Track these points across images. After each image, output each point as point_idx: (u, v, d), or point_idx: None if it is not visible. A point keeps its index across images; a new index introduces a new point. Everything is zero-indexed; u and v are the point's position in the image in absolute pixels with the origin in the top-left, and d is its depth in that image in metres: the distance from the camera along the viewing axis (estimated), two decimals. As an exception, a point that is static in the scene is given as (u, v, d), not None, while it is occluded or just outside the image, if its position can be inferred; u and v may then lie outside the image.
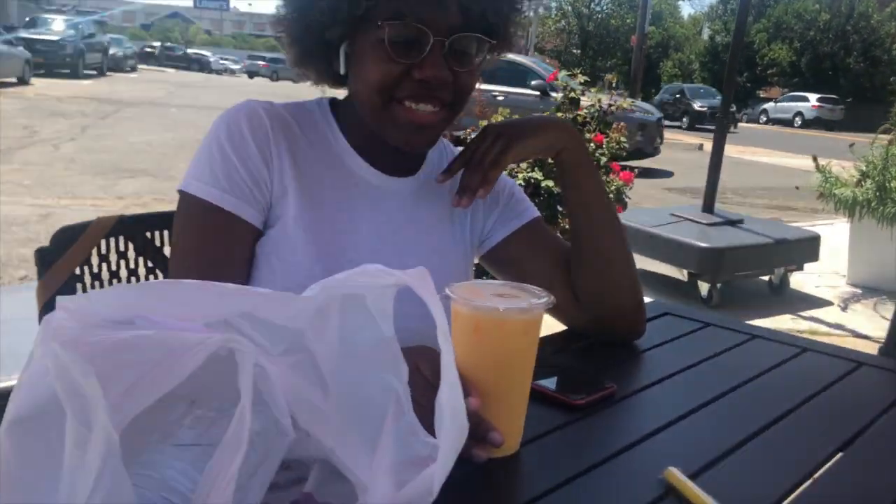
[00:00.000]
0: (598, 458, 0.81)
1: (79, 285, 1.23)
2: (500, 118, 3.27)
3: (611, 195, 3.03)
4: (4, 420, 0.51)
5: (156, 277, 1.33)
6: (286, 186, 1.02)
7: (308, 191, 1.03)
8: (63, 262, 1.24)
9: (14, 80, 16.76)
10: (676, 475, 0.75)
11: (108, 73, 23.08)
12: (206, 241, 0.99)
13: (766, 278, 4.81)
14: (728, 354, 1.18)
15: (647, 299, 1.21)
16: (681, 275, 4.54)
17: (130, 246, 1.30)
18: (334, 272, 0.94)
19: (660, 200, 8.45)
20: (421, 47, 0.95)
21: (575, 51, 38.73)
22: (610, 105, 3.05)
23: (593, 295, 1.14)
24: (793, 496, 0.76)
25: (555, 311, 1.18)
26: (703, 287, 4.47)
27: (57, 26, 21.25)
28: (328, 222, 1.03)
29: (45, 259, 1.18)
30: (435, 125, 1.01)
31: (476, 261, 1.24)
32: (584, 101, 3.03)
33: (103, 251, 1.30)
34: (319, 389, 0.65)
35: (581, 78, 3.04)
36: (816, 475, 0.82)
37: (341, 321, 0.63)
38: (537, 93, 10.21)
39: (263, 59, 42.13)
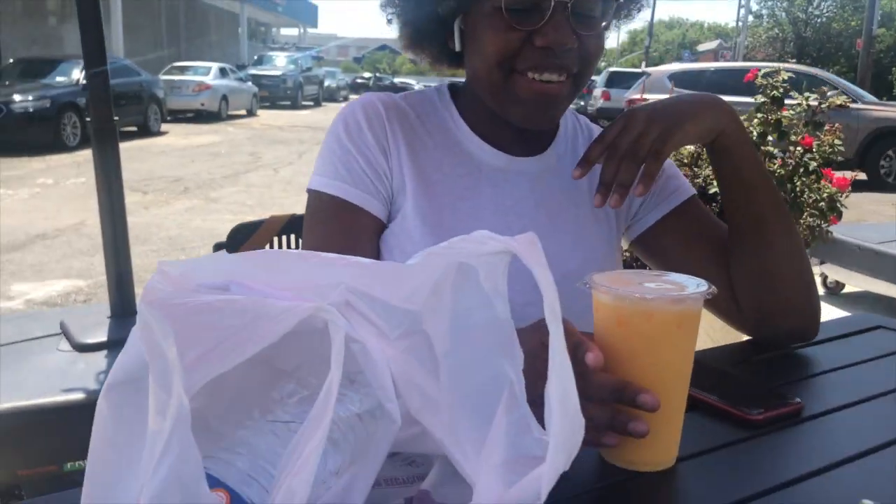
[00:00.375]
0: (775, 482, 0.68)
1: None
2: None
3: (822, 203, 2.71)
4: (105, 384, 0.51)
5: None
6: (405, 177, 0.98)
7: (426, 180, 0.98)
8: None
9: (244, 112, 18.66)
10: (872, 510, 0.61)
11: (324, 104, 24.97)
12: (332, 233, 0.97)
13: None
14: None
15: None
16: (913, 297, 3.99)
17: (300, 242, 1.34)
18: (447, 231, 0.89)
19: (890, 217, 7.53)
20: (542, 11, 0.88)
21: (791, 60, 35.98)
22: (820, 104, 2.73)
23: (754, 286, 0.99)
24: None
25: (713, 305, 1.04)
26: (942, 312, 3.89)
27: (280, 62, 23.42)
28: (448, 210, 0.98)
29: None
30: (560, 97, 0.94)
31: (625, 247, 1.12)
32: (792, 102, 2.74)
33: (275, 246, 1.34)
34: (432, 376, 0.59)
35: (784, 75, 2.75)
36: None
37: (454, 300, 0.57)
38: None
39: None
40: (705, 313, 1.05)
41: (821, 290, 4.59)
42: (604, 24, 0.94)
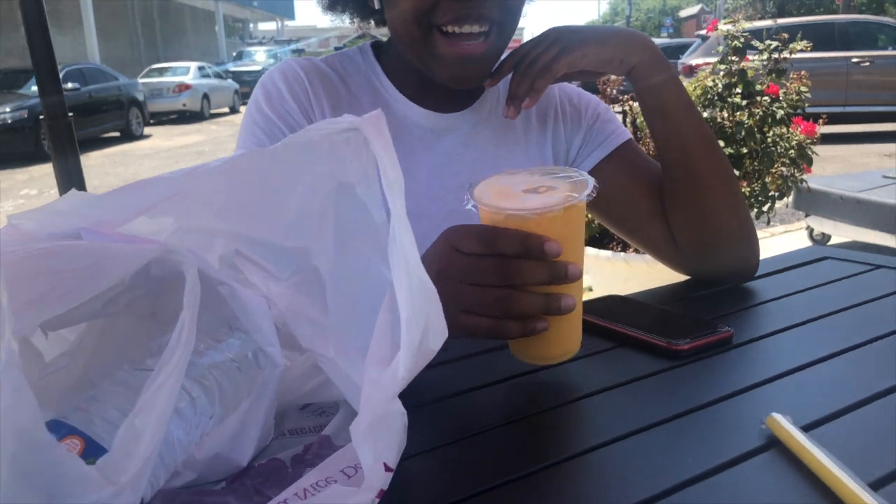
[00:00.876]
0: (693, 404, 0.67)
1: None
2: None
3: (792, 151, 2.69)
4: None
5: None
6: None
7: None
8: None
9: (227, 109, 18.53)
10: (780, 423, 0.59)
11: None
12: None
13: None
14: (890, 299, 0.95)
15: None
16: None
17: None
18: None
19: (877, 168, 7.50)
20: None
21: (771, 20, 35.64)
22: (782, 51, 2.70)
23: (689, 223, 0.98)
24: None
25: (653, 249, 1.03)
26: (925, 255, 3.88)
27: (259, 58, 23.24)
28: None
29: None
30: (484, 54, 0.90)
31: None
32: (759, 46, 2.70)
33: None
34: (321, 305, 0.58)
35: (744, 24, 2.72)
36: None
37: (336, 223, 0.56)
38: None
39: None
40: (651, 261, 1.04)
41: (808, 243, 4.58)
42: None
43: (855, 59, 8.96)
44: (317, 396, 0.66)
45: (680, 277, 1.07)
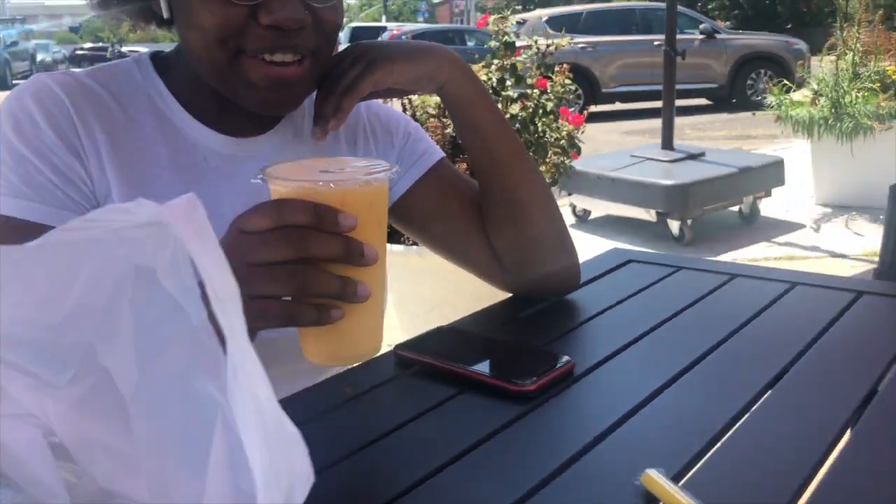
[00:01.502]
0: (557, 462, 0.62)
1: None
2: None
3: (563, 141, 2.83)
4: None
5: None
6: (109, 180, 0.79)
7: (140, 178, 0.80)
8: None
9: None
10: (655, 479, 0.56)
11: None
12: None
13: (735, 209, 4.67)
14: (705, 302, 0.99)
15: (613, 244, 1.01)
16: (649, 216, 4.40)
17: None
18: None
19: (619, 145, 8.27)
20: None
21: (517, 7, 38.03)
22: (548, 46, 2.83)
23: (507, 238, 0.95)
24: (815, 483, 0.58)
25: (476, 267, 1.00)
26: (674, 225, 4.33)
27: (-23, 39, 20.40)
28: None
29: None
30: (299, 80, 0.79)
31: None
32: (521, 43, 2.81)
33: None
34: (122, 427, 0.44)
35: (513, 19, 2.81)
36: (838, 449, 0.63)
37: (135, 318, 0.43)
38: (702, 36, 10.42)
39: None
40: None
41: (571, 220, 4.92)
42: None
43: (657, 42, 9.95)
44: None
45: (493, 290, 1.03)
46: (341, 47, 0.87)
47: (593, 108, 3.89)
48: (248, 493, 0.37)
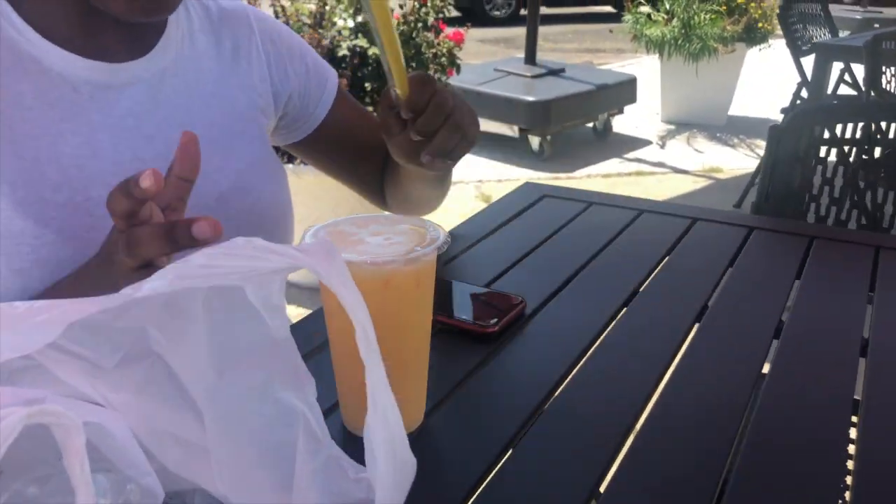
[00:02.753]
0: (525, 402, 0.69)
1: None
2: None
3: (443, 58, 2.84)
4: None
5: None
6: None
7: (3, 127, 0.70)
8: None
9: None
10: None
11: None
12: None
13: (590, 125, 4.90)
14: (620, 239, 1.09)
15: (477, 160, 1.07)
16: (512, 131, 4.52)
17: None
18: (79, 226, 0.70)
19: (476, 55, 8.32)
20: None
21: None
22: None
23: (402, 200, 1.00)
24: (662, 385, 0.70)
25: (366, 190, 1.03)
26: (534, 141, 4.49)
27: None
28: (53, 156, 0.72)
29: None
30: None
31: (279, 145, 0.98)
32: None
33: None
34: (187, 412, 0.46)
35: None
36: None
37: (207, 313, 0.44)
38: None
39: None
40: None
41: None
42: None
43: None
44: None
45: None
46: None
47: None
48: (347, 496, 0.41)
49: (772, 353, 0.79)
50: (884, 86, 2.94)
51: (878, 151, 1.52)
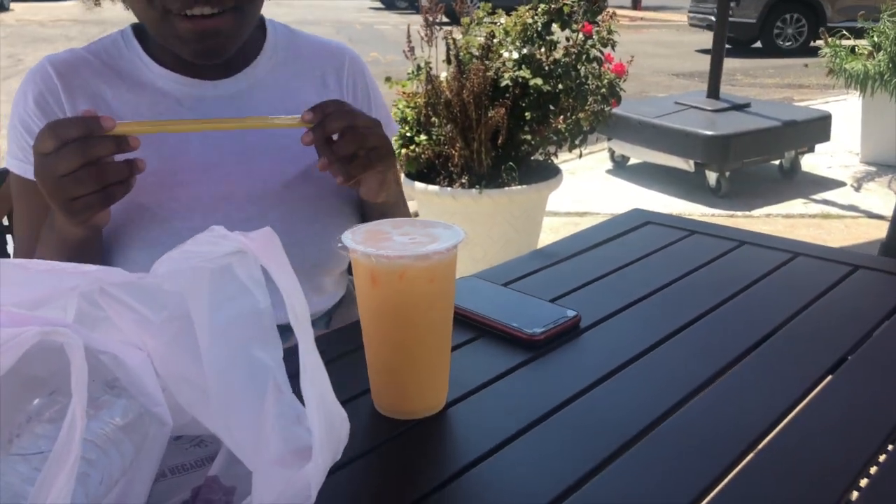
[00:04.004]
0: (557, 402, 0.73)
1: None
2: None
3: (604, 89, 2.86)
4: None
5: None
6: None
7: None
8: None
9: (-5, 7, 16.26)
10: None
11: (92, -7, 22.28)
12: (23, 213, 0.97)
13: (776, 163, 4.64)
14: (711, 266, 1.08)
15: (649, 193, 1.09)
16: (687, 165, 4.40)
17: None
18: (166, 201, 0.91)
19: (667, 88, 8.15)
20: None
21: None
22: (597, -8, 2.83)
23: None
24: (779, 427, 0.68)
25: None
26: (711, 177, 4.33)
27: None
28: (151, 152, 0.88)
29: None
30: (222, 30, 0.89)
31: None
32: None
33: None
34: (197, 366, 0.56)
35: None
36: (805, 401, 0.73)
37: (212, 288, 0.53)
38: None
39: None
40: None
41: (609, 165, 4.94)
42: None
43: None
44: (190, 430, 0.64)
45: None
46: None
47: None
48: (299, 439, 0.49)
49: None
50: None
51: None
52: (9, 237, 1.15)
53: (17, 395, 0.52)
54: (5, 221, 1.16)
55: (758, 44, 10.66)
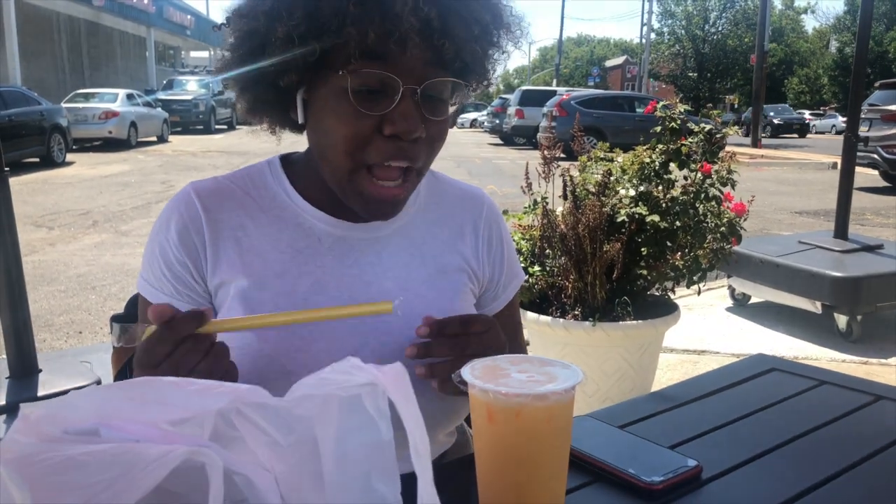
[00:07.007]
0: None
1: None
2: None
3: (723, 228, 2.82)
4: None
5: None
6: (233, 268, 0.94)
7: (260, 263, 0.94)
8: (137, 329, 1.24)
9: (154, 138, 18.11)
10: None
11: (237, 127, 24.50)
12: None
13: (914, 308, 4.35)
14: (844, 421, 1.01)
15: (771, 333, 1.06)
16: (814, 307, 4.19)
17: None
18: (289, 347, 0.91)
19: (790, 226, 7.92)
20: (390, 95, 0.86)
21: (691, 74, 37.59)
22: (716, 134, 2.85)
23: None
24: None
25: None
26: (841, 320, 4.10)
27: (190, 87, 22.82)
28: (288, 290, 0.93)
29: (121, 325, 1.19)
30: (401, 198, 0.92)
31: None
32: (693, 128, 2.85)
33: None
34: (321, 488, 0.58)
35: (681, 107, 2.86)
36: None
37: (341, 416, 0.56)
38: None
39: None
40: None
41: (729, 302, 4.78)
42: (453, 106, 0.93)
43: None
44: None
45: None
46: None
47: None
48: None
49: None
50: None
51: None
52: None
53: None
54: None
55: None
